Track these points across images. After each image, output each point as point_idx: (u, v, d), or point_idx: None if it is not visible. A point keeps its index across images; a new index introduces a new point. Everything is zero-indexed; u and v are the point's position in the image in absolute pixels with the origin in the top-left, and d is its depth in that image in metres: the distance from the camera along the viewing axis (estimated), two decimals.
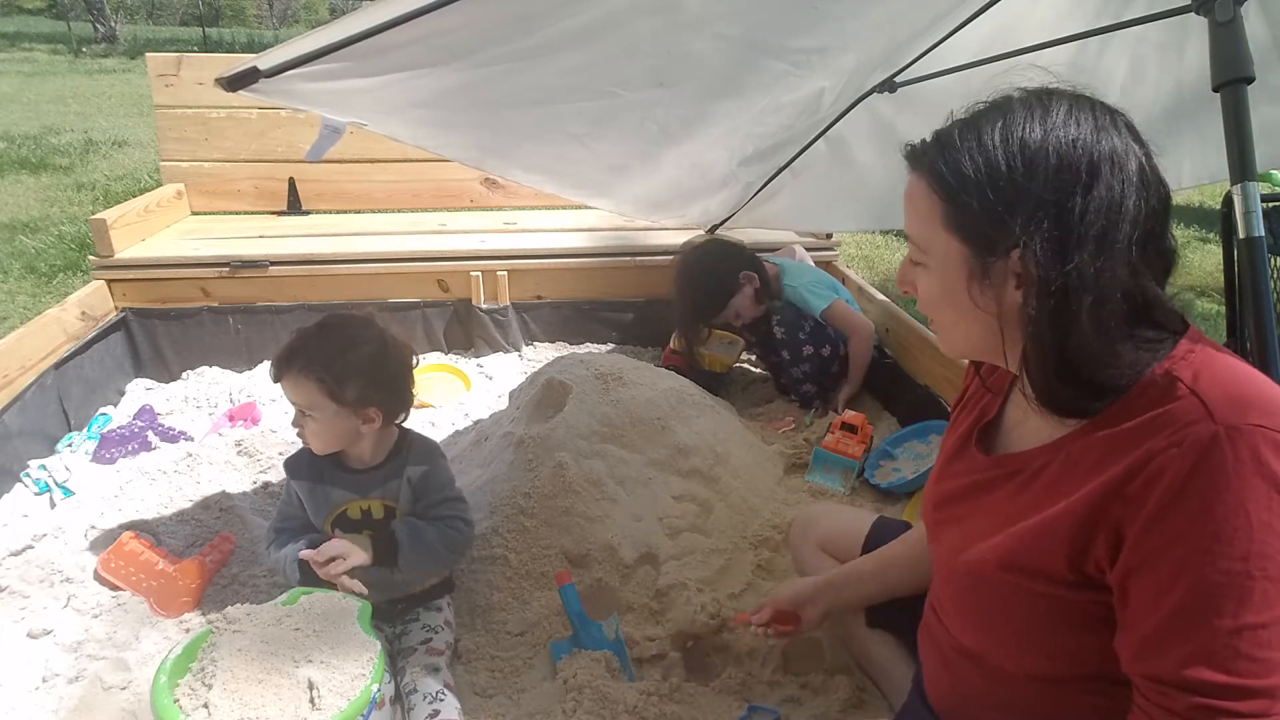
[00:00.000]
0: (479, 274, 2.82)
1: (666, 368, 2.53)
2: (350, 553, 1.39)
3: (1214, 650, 0.72)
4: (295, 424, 1.44)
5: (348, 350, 1.40)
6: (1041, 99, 0.83)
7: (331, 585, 1.44)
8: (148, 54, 3.20)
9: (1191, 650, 0.73)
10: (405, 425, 1.56)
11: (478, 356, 2.89)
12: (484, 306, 2.86)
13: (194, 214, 3.23)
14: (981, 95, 0.88)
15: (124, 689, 1.44)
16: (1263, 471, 0.71)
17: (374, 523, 1.50)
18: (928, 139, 0.89)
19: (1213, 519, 0.72)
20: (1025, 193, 0.79)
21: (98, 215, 2.60)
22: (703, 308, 2.45)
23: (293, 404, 1.42)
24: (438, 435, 2.32)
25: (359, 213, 3.38)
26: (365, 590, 1.40)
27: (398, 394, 1.48)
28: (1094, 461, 0.81)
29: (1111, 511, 0.78)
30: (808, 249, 2.99)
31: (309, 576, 1.41)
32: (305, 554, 1.39)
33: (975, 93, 0.89)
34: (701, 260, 2.49)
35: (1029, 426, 0.93)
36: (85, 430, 2.29)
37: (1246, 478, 0.71)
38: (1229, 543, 0.71)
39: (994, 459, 0.96)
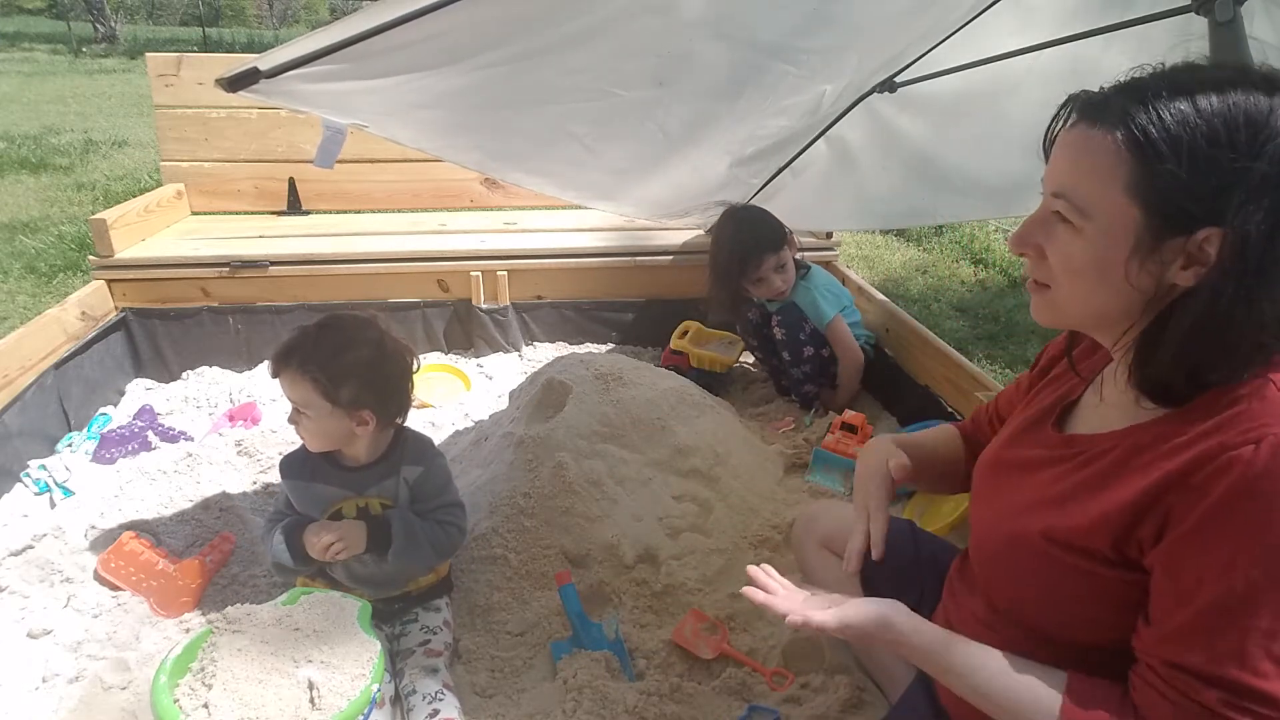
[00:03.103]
0: (479, 274, 2.82)
1: (666, 368, 2.54)
2: (354, 542, 1.41)
3: (1247, 651, 0.72)
4: (291, 420, 1.45)
5: (344, 351, 1.40)
6: (1269, 76, 0.76)
7: (321, 579, 1.47)
8: (148, 54, 3.20)
9: (1226, 647, 0.73)
10: (405, 425, 1.56)
11: (478, 356, 2.89)
12: (484, 306, 2.86)
13: (194, 214, 3.22)
14: (982, 95, 0.87)
15: (124, 689, 1.44)
16: None
17: (372, 520, 1.50)
18: (1110, 89, 0.81)
19: (1276, 522, 0.72)
20: (1248, 170, 0.72)
21: (98, 215, 2.60)
22: (763, 240, 2.39)
23: (289, 400, 1.42)
24: (438, 435, 2.33)
25: (359, 213, 3.38)
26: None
27: (394, 397, 1.48)
28: (1161, 452, 0.81)
29: (1166, 498, 0.78)
30: (808, 249, 2.99)
31: (298, 550, 1.42)
32: (315, 527, 1.42)
33: (976, 93, 0.88)
34: (753, 210, 2.51)
35: (1104, 412, 0.92)
36: (85, 430, 2.29)
37: None
38: None
39: (1064, 437, 0.96)
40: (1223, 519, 0.74)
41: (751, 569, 0.99)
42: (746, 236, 2.40)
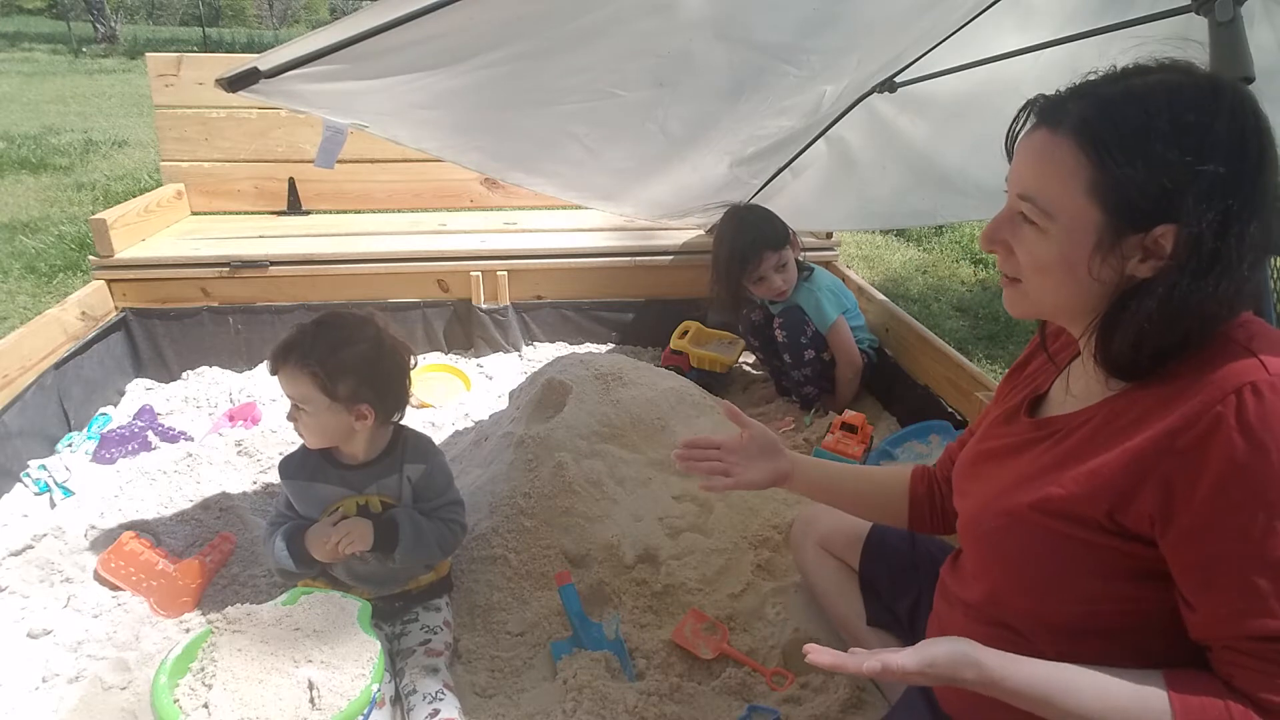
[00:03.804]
0: (479, 274, 2.82)
1: (666, 368, 2.54)
2: (360, 537, 1.42)
3: None
4: (290, 417, 1.45)
5: (342, 347, 1.41)
6: (1212, 80, 0.80)
7: (322, 578, 1.47)
8: (148, 54, 3.20)
9: None
10: (402, 423, 1.57)
11: (478, 356, 2.89)
12: (484, 306, 2.86)
13: (194, 214, 3.23)
14: (982, 95, 0.87)
15: (124, 689, 1.44)
16: None
17: (373, 518, 1.50)
18: (1065, 93, 0.85)
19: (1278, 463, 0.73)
20: (1200, 173, 0.76)
21: (98, 215, 2.60)
22: (763, 238, 2.37)
23: (288, 397, 1.43)
24: (438, 435, 2.32)
25: (359, 213, 3.38)
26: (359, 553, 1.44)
27: (391, 393, 1.48)
28: (1138, 415, 0.83)
29: (1161, 465, 0.79)
30: (808, 249, 2.99)
31: (300, 554, 1.43)
32: (318, 528, 1.43)
33: (976, 93, 0.88)
34: (756, 209, 2.49)
35: (1073, 395, 0.95)
36: (85, 430, 2.29)
37: None
38: None
39: (1036, 421, 0.99)
40: (1232, 484, 0.75)
41: (809, 647, 0.88)
42: (747, 234, 2.40)
